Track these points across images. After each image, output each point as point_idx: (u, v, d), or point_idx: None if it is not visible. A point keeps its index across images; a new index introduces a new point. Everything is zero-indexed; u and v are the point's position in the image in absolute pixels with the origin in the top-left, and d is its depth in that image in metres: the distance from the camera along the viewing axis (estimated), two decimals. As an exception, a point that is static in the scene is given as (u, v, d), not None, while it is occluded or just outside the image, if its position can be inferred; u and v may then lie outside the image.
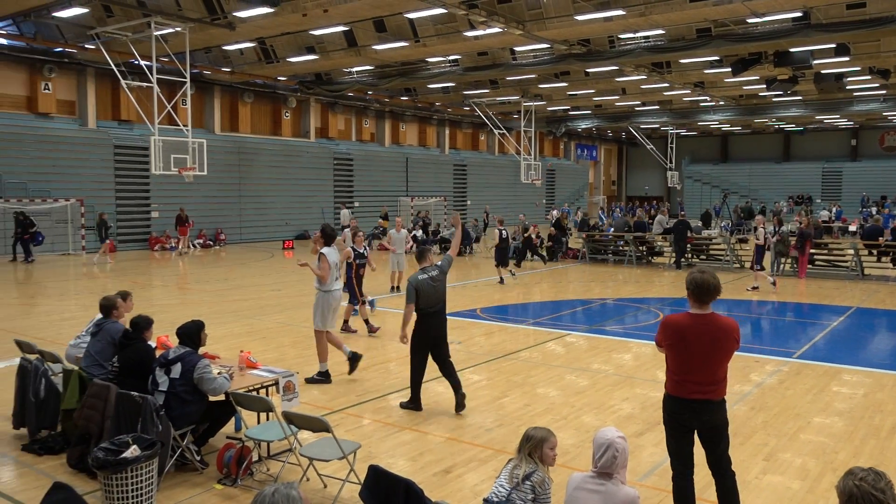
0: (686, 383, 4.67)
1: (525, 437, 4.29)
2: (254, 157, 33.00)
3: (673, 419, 4.81)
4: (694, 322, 4.65)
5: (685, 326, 4.66)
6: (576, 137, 58.88)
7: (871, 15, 20.81)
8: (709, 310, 4.68)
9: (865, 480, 2.80)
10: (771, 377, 9.36)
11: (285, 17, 21.62)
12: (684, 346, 4.65)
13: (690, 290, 4.66)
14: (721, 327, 4.63)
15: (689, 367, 4.64)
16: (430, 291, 7.67)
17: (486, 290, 17.45)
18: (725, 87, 35.54)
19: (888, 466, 6.28)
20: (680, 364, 4.69)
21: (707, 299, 4.64)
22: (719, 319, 4.67)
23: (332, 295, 8.97)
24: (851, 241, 22.13)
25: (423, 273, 7.74)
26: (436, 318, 7.77)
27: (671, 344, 4.73)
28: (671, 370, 4.76)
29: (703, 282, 4.60)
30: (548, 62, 27.49)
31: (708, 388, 4.64)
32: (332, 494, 5.56)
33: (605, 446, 3.87)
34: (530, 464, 4.15)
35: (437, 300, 7.75)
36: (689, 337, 4.62)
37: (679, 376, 4.70)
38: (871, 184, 50.79)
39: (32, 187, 25.37)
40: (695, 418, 4.71)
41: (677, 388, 4.72)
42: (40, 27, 25.22)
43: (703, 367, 4.62)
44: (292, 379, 6.63)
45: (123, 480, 4.98)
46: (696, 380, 4.63)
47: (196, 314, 9.42)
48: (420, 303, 7.62)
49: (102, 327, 6.92)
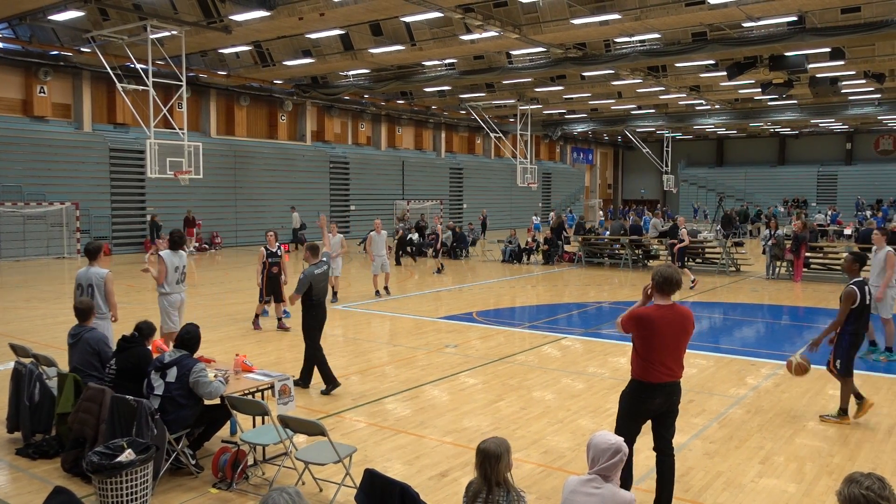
0: (660, 368, 5.12)
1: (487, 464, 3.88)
2: (250, 160, 32.98)
3: (641, 404, 5.22)
4: (662, 312, 5.15)
5: (655, 317, 5.13)
6: (572, 141, 58.97)
7: (865, 19, 20.90)
8: (671, 301, 5.21)
9: (872, 489, 2.75)
10: (766, 380, 9.37)
11: (281, 21, 21.62)
12: (657, 335, 5.10)
13: (657, 282, 5.16)
14: (684, 315, 5.22)
15: (662, 353, 5.12)
16: (320, 284, 8.72)
17: (482, 294, 17.45)
18: (721, 91, 35.63)
19: (884, 470, 6.29)
20: (653, 351, 5.12)
21: (670, 291, 5.18)
22: (681, 308, 5.25)
23: (169, 297, 9.31)
24: (846, 245, 22.18)
25: (317, 268, 8.68)
26: (322, 307, 8.84)
27: (644, 335, 5.15)
28: (644, 358, 5.16)
29: (669, 276, 5.14)
30: (544, 66, 27.54)
31: (676, 371, 5.20)
32: (328, 498, 5.55)
33: (612, 451, 3.85)
34: (500, 489, 3.87)
35: (324, 292, 8.87)
36: (661, 326, 5.10)
37: (653, 363, 5.12)
38: (866, 187, 50.95)
39: (28, 191, 25.32)
40: (666, 400, 5.20)
41: (651, 374, 5.14)
42: (36, 30, 25.19)
43: (673, 352, 5.16)
44: (288, 382, 6.62)
45: (118, 484, 4.96)
46: (667, 364, 5.14)
47: (191, 318, 9.41)
48: (313, 294, 8.61)
49: (80, 336, 6.88)
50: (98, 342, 6.85)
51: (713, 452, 6.71)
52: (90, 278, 8.17)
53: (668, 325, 5.11)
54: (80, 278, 8.27)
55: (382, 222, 18.67)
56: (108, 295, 8.20)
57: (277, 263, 12.76)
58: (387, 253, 17.10)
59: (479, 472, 3.90)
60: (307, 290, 8.51)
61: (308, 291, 8.54)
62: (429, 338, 12.14)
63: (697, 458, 6.56)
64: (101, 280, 8.17)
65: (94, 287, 8.14)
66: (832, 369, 7.71)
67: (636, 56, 25.25)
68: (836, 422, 7.63)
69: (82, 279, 8.22)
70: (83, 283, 8.20)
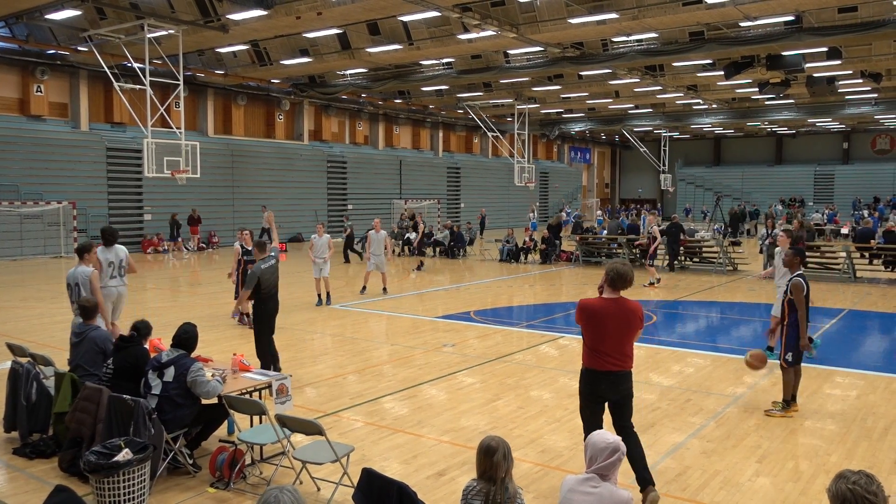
0: (603, 357, 5.40)
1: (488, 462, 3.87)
2: (247, 159, 32.95)
3: (591, 391, 5.53)
4: (607, 304, 5.45)
5: (600, 308, 5.44)
6: (569, 140, 59.00)
7: (862, 19, 20.93)
8: (619, 295, 5.50)
9: (858, 483, 2.81)
10: (764, 379, 9.38)
11: (279, 20, 21.60)
12: (601, 326, 5.40)
13: (610, 277, 5.46)
14: (630, 309, 5.45)
15: (606, 343, 5.39)
16: (269, 279, 9.03)
17: (480, 293, 17.46)
18: (718, 91, 35.67)
19: (881, 468, 6.30)
20: (597, 341, 5.42)
21: (621, 287, 5.47)
22: (628, 302, 5.48)
23: (105, 291, 9.36)
24: (843, 244, 22.21)
25: (265, 263, 9.07)
26: (273, 300, 9.17)
27: (589, 325, 5.46)
28: (589, 347, 5.47)
29: (623, 272, 5.44)
30: (541, 65, 27.55)
31: (620, 361, 5.42)
32: (326, 498, 5.55)
33: (610, 450, 3.85)
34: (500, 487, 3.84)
35: (274, 285, 9.16)
36: (605, 317, 5.39)
37: (598, 352, 5.42)
38: (863, 187, 51.05)
39: (25, 190, 25.27)
40: (611, 388, 5.46)
41: (595, 362, 5.44)
42: (33, 29, 25.15)
43: (616, 343, 5.40)
44: (285, 382, 6.61)
45: (115, 484, 4.95)
46: (611, 353, 5.40)
47: (189, 317, 9.41)
48: (262, 288, 8.92)
49: (85, 335, 6.89)
50: (105, 341, 6.85)
51: (710, 451, 6.72)
52: (77, 277, 8.42)
53: (613, 318, 5.38)
54: (68, 278, 8.61)
55: (381, 222, 18.65)
56: (93, 293, 8.39)
57: (252, 261, 12.88)
58: (386, 252, 17.02)
59: (479, 469, 3.90)
60: (257, 284, 8.88)
61: (258, 286, 8.90)
62: (426, 337, 12.14)
63: (695, 457, 6.57)
64: (86, 279, 8.38)
65: (81, 286, 8.32)
66: (783, 364, 7.84)
67: (633, 55, 25.27)
68: (781, 415, 7.73)
69: (70, 278, 8.55)
70: (71, 283, 8.53)
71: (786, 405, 7.85)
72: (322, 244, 15.15)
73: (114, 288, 9.64)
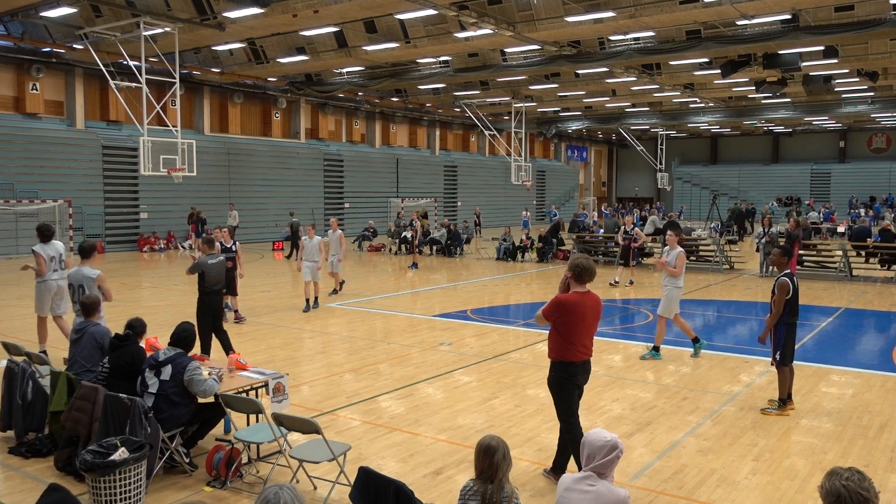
0: (580, 348, 5.79)
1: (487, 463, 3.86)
2: (243, 158, 32.89)
3: (569, 380, 5.84)
4: (583, 299, 5.79)
5: (577, 302, 5.76)
6: (566, 139, 59.00)
7: (858, 17, 20.95)
8: (587, 289, 5.84)
9: (851, 480, 2.85)
10: (760, 377, 9.40)
11: (275, 18, 21.55)
12: (581, 319, 5.75)
13: (576, 272, 5.77)
14: (597, 301, 5.91)
15: (582, 335, 5.79)
16: (214, 274, 9.45)
17: (476, 292, 17.45)
18: (715, 89, 35.69)
19: (876, 466, 6.32)
20: (577, 334, 5.76)
21: (588, 280, 5.80)
22: (594, 295, 5.90)
23: (45, 284, 9.81)
24: (840, 243, 22.25)
25: (211, 258, 9.58)
26: (216, 295, 9.57)
27: (567, 319, 5.74)
28: (566, 340, 5.76)
29: (586, 266, 5.77)
30: (538, 63, 27.53)
31: (591, 349, 5.90)
32: (322, 496, 5.54)
33: (608, 448, 3.84)
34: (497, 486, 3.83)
35: (218, 282, 9.56)
36: (582, 310, 5.75)
37: (577, 344, 5.77)
38: (860, 185, 51.12)
39: (20, 188, 25.19)
40: (584, 375, 5.91)
41: (574, 354, 5.78)
42: (28, 27, 25.05)
43: (590, 333, 5.87)
44: (282, 380, 6.61)
45: (111, 483, 4.94)
46: (585, 343, 5.83)
47: (186, 316, 9.39)
48: (206, 281, 9.35)
49: (86, 331, 6.89)
50: (103, 336, 6.84)
51: (707, 450, 6.73)
52: (80, 278, 8.36)
53: (588, 310, 5.78)
54: (71, 278, 8.62)
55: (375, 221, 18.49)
56: (105, 294, 8.45)
57: (232, 258, 13.11)
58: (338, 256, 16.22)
59: (478, 468, 3.89)
60: (202, 278, 9.37)
61: (202, 280, 9.36)
62: (423, 335, 12.14)
63: (691, 456, 6.58)
64: (91, 281, 8.35)
65: (85, 287, 8.28)
66: (774, 362, 7.89)
67: (630, 54, 25.27)
68: (778, 414, 7.75)
69: (73, 279, 8.52)
70: (74, 283, 8.53)
71: (781, 404, 7.87)
72: (313, 247, 14.46)
73: (54, 282, 9.87)
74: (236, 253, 13.26)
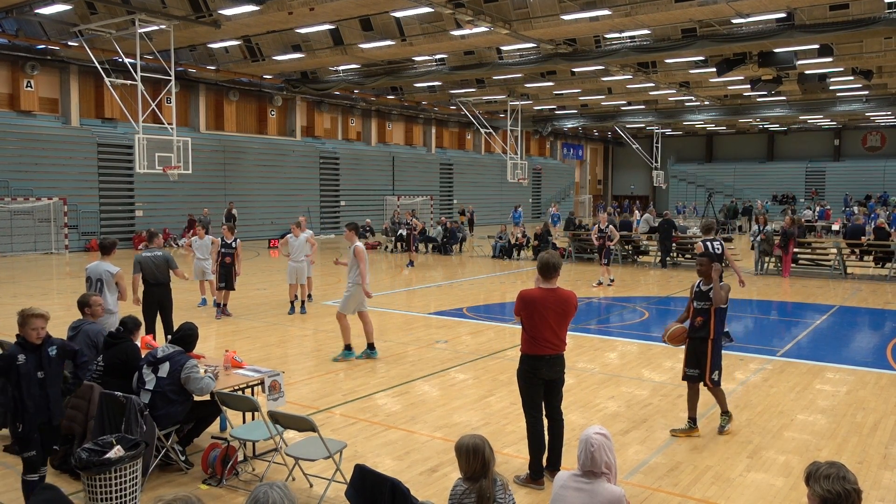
0: (543, 342, 5.81)
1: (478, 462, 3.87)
2: (239, 155, 32.84)
3: (532, 374, 5.89)
4: (544, 294, 5.85)
5: (538, 298, 5.84)
6: (562, 137, 59.01)
7: (853, 16, 21.01)
8: (555, 284, 5.91)
9: (845, 479, 2.87)
10: (755, 375, 9.43)
11: (271, 15, 21.52)
12: (540, 314, 5.79)
13: (539, 268, 5.90)
14: (565, 298, 5.89)
15: (545, 331, 5.80)
16: (151, 268, 9.81)
17: (472, 289, 17.46)
18: (710, 87, 35.74)
19: (871, 463, 6.35)
20: (539, 328, 5.80)
21: (552, 276, 5.87)
22: (563, 292, 5.92)
23: None
24: (834, 241, 22.32)
25: (147, 252, 9.95)
26: (158, 287, 9.91)
27: (530, 313, 5.83)
28: (531, 335, 5.85)
29: (547, 261, 5.85)
30: (534, 61, 27.53)
31: (558, 345, 5.87)
32: (318, 494, 5.55)
33: (581, 443, 3.85)
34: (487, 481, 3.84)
35: (154, 276, 9.86)
36: (543, 306, 5.80)
37: (538, 338, 5.81)
38: (854, 184, 51.22)
39: (15, 186, 25.12)
40: (550, 370, 5.89)
41: (535, 347, 5.83)
42: (23, 24, 24.97)
43: (555, 329, 5.83)
44: (278, 378, 6.61)
45: (107, 481, 4.93)
46: (550, 339, 5.82)
47: (180, 313, 9.37)
48: (145, 276, 9.78)
49: (80, 329, 6.87)
50: (97, 334, 6.81)
51: (702, 447, 6.75)
52: (100, 273, 8.44)
53: (551, 306, 5.81)
54: (90, 271, 8.59)
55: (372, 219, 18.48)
56: (122, 292, 8.53)
57: (230, 254, 13.40)
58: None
59: (467, 470, 3.88)
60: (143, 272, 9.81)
61: (142, 273, 9.82)
62: (419, 333, 12.15)
63: (686, 453, 6.60)
64: (110, 276, 8.40)
65: (104, 282, 8.34)
66: (708, 383, 7.05)
67: (626, 52, 25.29)
68: (684, 435, 7.01)
69: (92, 273, 8.54)
70: (93, 277, 8.51)
71: (693, 424, 7.07)
72: (300, 245, 13.72)
73: None
74: (236, 250, 13.42)
